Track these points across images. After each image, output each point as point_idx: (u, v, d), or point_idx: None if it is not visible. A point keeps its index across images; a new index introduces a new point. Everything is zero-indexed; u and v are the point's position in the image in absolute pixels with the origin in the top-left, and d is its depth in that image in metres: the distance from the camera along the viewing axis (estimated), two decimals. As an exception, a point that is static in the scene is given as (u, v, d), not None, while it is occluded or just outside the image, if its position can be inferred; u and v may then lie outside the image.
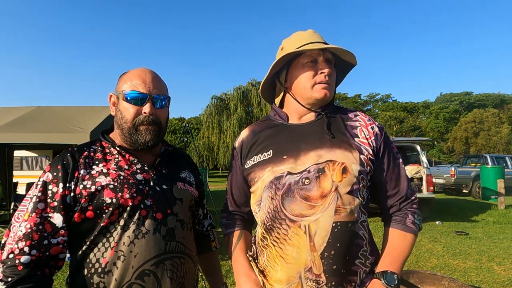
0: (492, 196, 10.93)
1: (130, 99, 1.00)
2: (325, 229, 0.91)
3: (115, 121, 1.05)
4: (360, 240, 0.94)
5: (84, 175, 0.96)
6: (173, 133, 39.96)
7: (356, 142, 1.00)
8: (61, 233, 0.92)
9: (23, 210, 0.92)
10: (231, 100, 29.31)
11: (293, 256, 0.94)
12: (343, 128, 1.02)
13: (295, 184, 0.95)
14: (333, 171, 0.93)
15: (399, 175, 1.04)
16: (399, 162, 1.05)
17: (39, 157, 10.10)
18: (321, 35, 1.08)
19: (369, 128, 1.03)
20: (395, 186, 1.04)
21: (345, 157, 0.95)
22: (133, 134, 1.01)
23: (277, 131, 1.08)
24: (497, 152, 29.50)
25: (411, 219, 1.01)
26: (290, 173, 0.97)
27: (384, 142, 1.03)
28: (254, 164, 1.05)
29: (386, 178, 1.03)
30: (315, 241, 0.91)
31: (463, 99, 47.79)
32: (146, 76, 1.03)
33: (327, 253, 0.90)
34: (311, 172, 0.94)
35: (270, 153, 1.03)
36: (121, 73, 1.08)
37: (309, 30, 1.09)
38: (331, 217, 0.91)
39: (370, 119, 1.07)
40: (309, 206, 0.93)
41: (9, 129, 5.11)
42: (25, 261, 0.86)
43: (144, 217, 0.97)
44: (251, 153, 1.08)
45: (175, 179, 1.09)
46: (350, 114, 1.07)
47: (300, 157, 0.98)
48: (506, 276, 4.03)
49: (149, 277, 0.94)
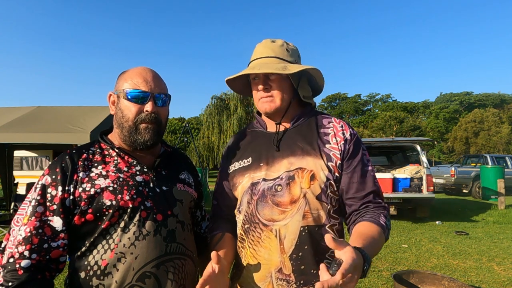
0: (492, 196, 10.93)
1: (131, 98, 1.00)
2: (293, 233, 0.97)
3: (115, 120, 1.04)
4: None
5: (83, 177, 0.95)
6: (173, 133, 39.92)
7: (326, 148, 1.03)
8: (61, 236, 0.92)
9: (22, 214, 0.92)
10: (231, 100, 29.29)
11: (265, 257, 1.01)
12: (316, 135, 1.06)
13: (268, 190, 1.02)
14: (302, 178, 0.99)
15: (365, 178, 1.03)
16: (367, 169, 1.05)
17: (39, 157, 10.10)
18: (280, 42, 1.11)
19: (340, 134, 1.06)
20: (359, 189, 1.02)
21: (314, 164, 1.00)
22: (133, 134, 1.00)
23: (256, 138, 1.15)
24: (497, 152, 29.49)
25: (383, 219, 0.98)
26: (264, 180, 1.04)
27: (353, 146, 1.05)
28: (235, 170, 1.12)
29: (351, 180, 1.03)
30: (285, 244, 0.98)
31: (463, 99, 47.77)
32: (147, 75, 1.02)
33: (295, 255, 0.97)
34: (283, 179, 1.01)
35: (249, 160, 1.10)
36: (121, 72, 1.08)
37: (263, 41, 1.12)
38: (299, 222, 0.97)
39: (344, 125, 1.09)
40: (280, 212, 0.99)
41: (9, 129, 5.11)
42: (25, 265, 0.86)
43: (144, 218, 0.96)
44: (234, 159, 1.15)
45: (174, 180, 1.09)
46: (324, 121, 1.10)
47: (274, 164, 1.04)
48: (506, 276, 4.02)
49: (150, 279, 0.94)
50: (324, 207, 0.99)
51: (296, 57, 1.11)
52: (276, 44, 1.10)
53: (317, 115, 1.14)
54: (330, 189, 1.01)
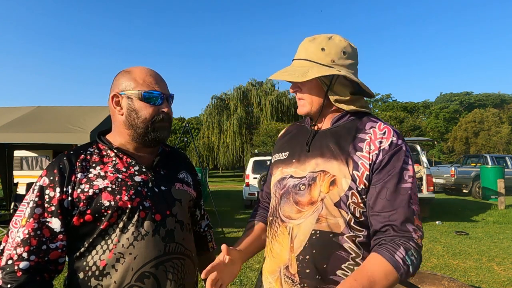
0: (492, 196, 10.93)
1: (148, 99, 1.01)
2: (304, 234, 0.96)
3: (124, 121, 1.03)
4: (345, 253, 0.93)
5: (81, 178, 0.95)
6: (173, 133, 39.91)
7: (356, 156, 0.94)
8: (59, 237, 0.91)
9: (20, 216, 0.91)
10: (231, 100, 29.30)
11: (278, 252, 1.02)
12: (350, 140, 0.98)
13: (293, 188, 1.01)
14: (322, 182, 0.96)
15: (396, 196, 0.90)
16: (403, 186, 0.91)
17: (39, 157, 10.10)
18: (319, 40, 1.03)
19: (376, 142, 0.94)
20: (385, 207, 0.90)
21: (339, 170, 0.94)
22: (149, 132, 1.02)
23: (299, 133, 1.14)
24: (497, 152, 29.48)
25: (401, 253, 0.84)
26: (292, 176, 1.03)
27: (389, 158, 0.92)
28: (275, 161, 1.15)
29: (379, 195, 0.91)
30: (294, 244, 0.97)
31: (463, 99, 47.75)
32: (157, 76, 1.06)
33: (302, 256, 0.95)
34: (307, 179, 0.99)
35: (286, 154, 1.11)
36: (121, 72, 1.06)
37: (304, 40, 1.07)
38: (311, 224, 0.95)
39: (388, 133, 0.95)
40: (297, 210, 0.99)
41: (9, 129, 5.11)
42: (24, 267, 0.86)
43: (143, 218, 0.96)
44: (277, 150, 1.17)
45: (173, 180, 1.09)
46: (367, 125, 0.99)
47: (305, 164, 1.02)
48: (506, 276, 4.03)
49: (149, 279, 0.94)
50: (343, 216, 0.93)
51: (337, 57, 1.00)
52: (313, 43, 1.03)
53: (363, 118, 1.03)
54: (352, 199, 0.92)
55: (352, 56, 1.03)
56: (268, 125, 24.01)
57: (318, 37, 1.04)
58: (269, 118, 26.77)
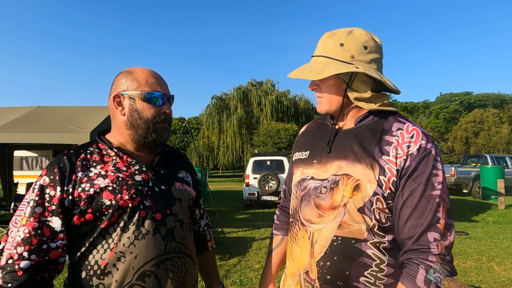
0: (492, 196, 10.93)
1: (150, 99, 1.02)
2: (325, 240, 0.93)
3: (125, 121, 1.03)
4: (368, 260, 0.90)
5: (82, 177, 0.95)
6: (173, 133, 39.91)
7: (383, 160, 0.89)
8: (60, 237, 0.91)
9: (21, 215, 0.91)
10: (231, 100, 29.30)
11: (297, 255, 1.00)
12: (376, 142, 0.92)
13: (314, 190, 0.98)
14: (345, 186, 0.91)
15: (424, 205, 0.85)
16: (432, 194, 0.86)
17: (39, 157, 10.10)
18: (339, 35, 0.97)
19: (404, 146, 0.89)
20: (411, 217, 0.85)
21: (363, 174, 0.89)
22: (150, 133, 1.03)
23: (321, 131, 1.09)
24: (497, 152, 29.49)
25: (422, 275, 0.81)
26: (313, 178, 0.99)
27: (417, 163, 0.87)
28: (295, 160, 1.11)
29: (405, 203, 0.87)
30: (315, 249, 0.94)
31: (463, 99, 47.75)
32: (159, 77, 1.07)
33: (322, 262, 0.93)
34: (329, 182, 0.95)
35: (307, 153, 1.07)
36: (122, 73, 1.06)
37: (324, 35, 1.01)
38: (333, 230, 0.92)
39: (417, 135, 0.90)
40: (318, 214, 0.95)
41: (9, 129, 5.11)
42: (24, 266, 0.86)
43: (143, 218, 0.96)
44: (297, 148, 1.14)
45: (173, 179, 1.09)
46: (394, 126, 0.93)
47: (326, 165, 0.98)
48: (506, 276, 4.03)
49: (149, 278, 0.94)
50: (366, 222, 0.89)
51: (357, 52, 0.94)
52: (332, 38, 0.97)
53: (389, 118, 0.97)
54: (377, 205, 0.88)
55: (375, 51, 0.97)
56: (268, 125, 24.01)
57: (337, 32, 0.98)
58: (269, 118, 26.77)
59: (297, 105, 28.75)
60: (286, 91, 28.69)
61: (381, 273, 0.90)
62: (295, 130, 23.48)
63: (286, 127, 22.82)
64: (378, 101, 0.97)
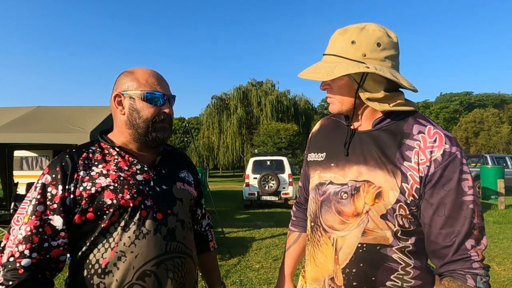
0: (492, 196, 10.92)
1: (150, 99, 1.02)
2: (349, 247, 0.91)
3: (127, 120, 1.03)
4: (394, 264, 0.89)
5: (83, 176, 0.95)
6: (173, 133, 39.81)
7: (404, 166, 0.86)
8: (61, 235, 0.92)
9: (23, 213, 0.92)
10: (231, 100, 29.30)
11: (321, 261, 0.98)
12: (396, 147, 0.88)
13: (334, 195, 0.95)
14: (367, 193, 0.88)
15: (457, 213, 0.82)
16: (464, 200, 0.82)
17: (39, 157, 10.09)
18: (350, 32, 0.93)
19: (427, 152, 0.85)
20: (445, 225, 0.83)
21: (385, 181, 0.86)
22: (151, 132, 1.03)
23: (337, 130, 1.05)
24: (497, 152, 29.50)
25: (471, 285, 0.79)
26: (332, 183, 0.97)
27: (442, 171, 0.83)
28: (311, 161, 1.09)
29: (436, 212, 0.84)
30: (339, 256, 0.93)
31: (463, 99, 47.77)
32: (159, 77, 1.07)
33: (348, 269, 0.91)
34: (348, 187, 0.92)
35: (323, 155, 1.03)
36: (124, 73, 1.07)
37: (335, 32, 0.97)
38: (357, 238, 0.90)
39: (439, 139, 0.85)
40: (340, 221, 0.93)
41: (9, 129, 5.10)
42: (25, 264, 0.86)
43: (144, 217, 0.96)
44: (312, 148, 1.11)
45: (174, 179, 1.09)
46: (414, 129, 0.89)
47: (345, 169, 0.95)
48: (506, 276, 4.03)
49: (150, 278, 0.94)
50: (390, 228, 0.87)
51: (369, 49, 0.89)
52: (343, 36, 0.93)
53: (408, 119, 0.92)
54: (400, 212, 0.86)
55: (390, 47, 0.91)
56: (268, 125, 24.03)
57: (349, 28, 0.93)
58: (269, 118, 26.78)
59: (297, 105, 28.77)
60: (286, 91, 28.72)
61: (407, 276, 0.89)
62: (295, 130, 23.48)
63: (286, 127, 22.83)
64: (392, 100, 0.93)
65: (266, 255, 5.03)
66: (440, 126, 0.90)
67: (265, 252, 5.16)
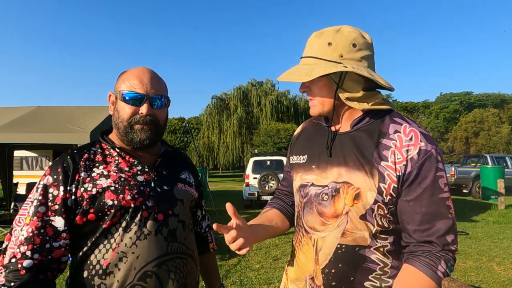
0: (492, 196, 10.94)
1: (127, 99, 1.00)
2: (329, 248, 0.93)
3: (113, 120, 1.05)
4: (372, 265, 0.91)
5: (84, 177, 0.96)
6: (173, 133, 39.92)
7: (382, 166, 0.88)
8: (63, 236, 0.92)
9: (24, 214, 0.92)
10: (231, 100, 29.30)
11: (303, 261, 1.00)
12: (374, 147, 0.90)
13: (315, 197, 0.97)
14: (346, 194, 0.90)
15: (434, 209, 0.85)
16: (440, 197, 0.85)
17: (39, 157, 10.10)
18: (326, 35, 0.95)
19: (403, 151, 0.86)
20: (423, 222, 0.85)
21: (363, 182, 0.88)
22: (129, 133, 1.01)
23: (317, 133, 1.07)
24: (497, 152, 29.50)
25: (443, 267, 0.83)
26: (313, 185, 0.99)
27: (418, 169, 0.85)
28: (293, 164, 1.10)
29: (413, 209, 0.86)
30: (319, 256, 0.95)
31: (463, 99, 47.73)
32: (144, 76, 1.02)
33: (327, 269, 0.93)
34: (329, 189, 0.94)
35: (305, 158, 1.05)
36: (121, 72, 1.08)
37: (312, 35, 1.00)
38: (337, 238, 0.92)
39: (415, 137, 0.87)
40: (321, 222, 0.95)
41: (9, 129, 5.11)
42: (27, 265, 0.86)
43: (145, 218, 0.97)
44: (294, 150, 1.13)
45: (175, 180, 1.09)
46: (390, 128, 0.91)
47: (326, 171, 0.96)
48: (506, 276, 4.03)
49: (151, 278, 0.94)
50: (369, 228, 0.89)
51: (346, 50, 0.92)
52: (319, 38, 0.95)
53: (385, 118, 0.94)
54: (378, 211, 0.88)
55: (365, 48, 0.94)
56: (268, 125, 24.02)
57: (325, 31, 0.96)
58: (269, 118, 26.78)
59: (297, 105, 28.76)
60: (286, 91, 28.71)
61: (385, 276, 0.91)
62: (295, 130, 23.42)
63: (286, 127, 22.82)
64: (371, 100, 0.95)
65: (266, 255, 5.03)
66: (416, 124, 0.92)
67: (265, 252, 5.17)
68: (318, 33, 0.97)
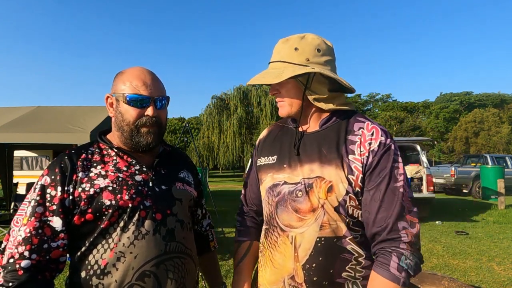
0: (492, 196, 10.93)
1: (131, 102, 0.99)
2: (309, 242, 0.95)
3: (114, 123, 1.05)
4: (348, 255, 0.95)
5: (82, 178, 0.95)
6: (173, 133, 39.91)
7: (349, 159, 0.95)
8: (61, 236, 0.92)
9: (22, 215, 0.92)
10: (231, 100, 29.28)
11: (279, 262, 1.00)
12: (342, 143, 0.97)
13: (289, 194, 0.99)
14: (320, 188, 0.95)
15: (389, 197, 0.91)
16: (395, 185, 0.92)
17: (39, 157, 10.11)
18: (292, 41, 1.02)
19: (366, 144, 0.95)
20: (380, 209, 0.91)
21: (335, 175, 0.94)
22: (134, 136, 1.01)
23: (285, 135, 1.11)
24: (497, 152, 29.47)
25: (395, 262, 0.87)
26: (286, 183, 1.01)
27: (378, 159, 0.93)
28: (261, 165, 1.12)
29: (372, 198, 0.92)
30: (299, 253, 0.96)
31: (463, 99, 47.72)
32: (146, 78, 1.02)
33: (308, 265, 0.95)
34: (302, 185, 0.98)
35: (274, 158, 1.08)
36: (117, 73, 1.07)
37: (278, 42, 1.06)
38: (316, 232, 0.95)
39: (376, 133, 0.96)
40: (298, 219, 0.97)
41: (9, 129, 5.11)
42: (25, 266, 0.86)
43: (143, 218, 0.96)
44: (262, 153, 1.14)
45: (174, 179, 1.09)
46: (355, 126, 0.99)
47: (297, 168, 1.00)
48: (506, 276, 4.03)
49: (149, 278, 0.94)
50: (343, 219, 0.94)
51: (311, 55, 1.00)
52: (286, 44, 1.03)
53: (350, 118, 1.02)
54: (350, 203, 0.94)
55: (328, 53, 1.03)
56: (268, 125, 23.98)
57: (291, 38, 1.03)
58: (269, 118, 26.75)
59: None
60: (286, 91, 28.63)
61: (359, 266, 0.95)
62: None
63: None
64: (336, 100, 1.03)
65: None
66: (377, 123, 1.02)
67: (265, 252, 5.16)
68: (284, 40, 1.05)
